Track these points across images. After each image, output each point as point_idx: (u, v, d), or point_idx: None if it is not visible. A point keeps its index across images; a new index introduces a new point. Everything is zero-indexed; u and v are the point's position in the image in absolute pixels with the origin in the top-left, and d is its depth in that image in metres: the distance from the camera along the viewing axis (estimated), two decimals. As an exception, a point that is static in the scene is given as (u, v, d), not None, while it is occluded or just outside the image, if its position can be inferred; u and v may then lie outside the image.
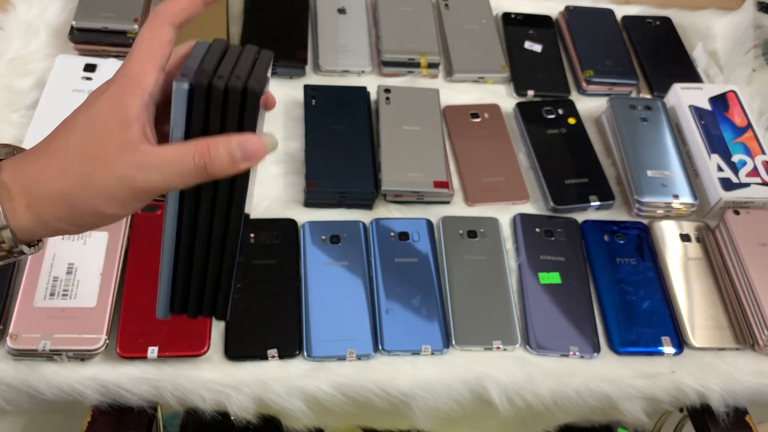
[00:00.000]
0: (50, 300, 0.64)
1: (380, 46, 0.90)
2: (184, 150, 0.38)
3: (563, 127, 0.86)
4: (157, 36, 0.39)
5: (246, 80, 0.39)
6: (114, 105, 0.38)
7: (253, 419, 0.65)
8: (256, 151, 0.39)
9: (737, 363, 0.70)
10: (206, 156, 0.38)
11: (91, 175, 0.38)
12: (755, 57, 0.97)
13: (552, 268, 0.74)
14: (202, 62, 0.40)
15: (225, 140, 0.39)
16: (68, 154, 0.38)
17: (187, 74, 0.39)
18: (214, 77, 0.39)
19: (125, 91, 0.38)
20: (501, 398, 0.67)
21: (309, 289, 0.69)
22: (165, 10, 0.40)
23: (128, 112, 0.38)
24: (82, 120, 0.39)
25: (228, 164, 0.39)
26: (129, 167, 0.38)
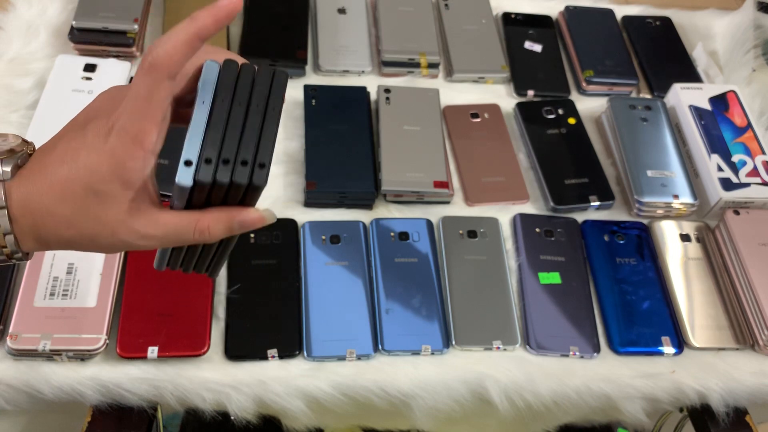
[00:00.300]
0: (50, 300, 0.64)
1: (380, 46, 0.90)
2: (185, 225, 0.40)
3: (563, 127, 0.86)
4: (155, 93, 0.37)
5: (252, 167, 0.39)
6: (116, 168, 0.37)
7: (253, 419, 0.65)
8: (254, 224, 0.41)
9: (737, 363, 0.70)
10: (206, 234, 0.40)
11: (95, 235, 0.39)
12: (755, 57, 0.97)
13: (552, 268, 0.74)
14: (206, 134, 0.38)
15: (226, 218, 0.40)
16: (72, 208, 0.38)
17: (190, 160, 0.38)
18: (217, 166, 0.38)
19: (127, 153, 0.37)
20: (501, 398, 0.67)
21: (309, 289, 0.69)
22: (163, 63, 0.37)
23: (131, 176, 0.38)
24: (86, 175, 0.38)
25: (225, 235, 0.41)
26: (132, 235, 0.40)
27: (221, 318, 0.67)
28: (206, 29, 0.37)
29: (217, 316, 0.67)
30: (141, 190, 0.39)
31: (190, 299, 0.66)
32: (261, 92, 0.40)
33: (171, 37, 0.37)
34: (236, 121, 0.39)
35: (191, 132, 0.38)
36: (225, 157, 0.38)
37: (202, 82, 0.39)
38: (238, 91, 0.40)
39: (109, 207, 0.38)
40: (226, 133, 0.39)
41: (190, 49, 0.37)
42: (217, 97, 0.39)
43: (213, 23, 0.37)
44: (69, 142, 0.39)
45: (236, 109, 0.39)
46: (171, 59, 0.37)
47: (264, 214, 0.41)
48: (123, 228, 0.39)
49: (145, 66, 0.37)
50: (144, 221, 0.39)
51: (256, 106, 0.40)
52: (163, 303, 0.65)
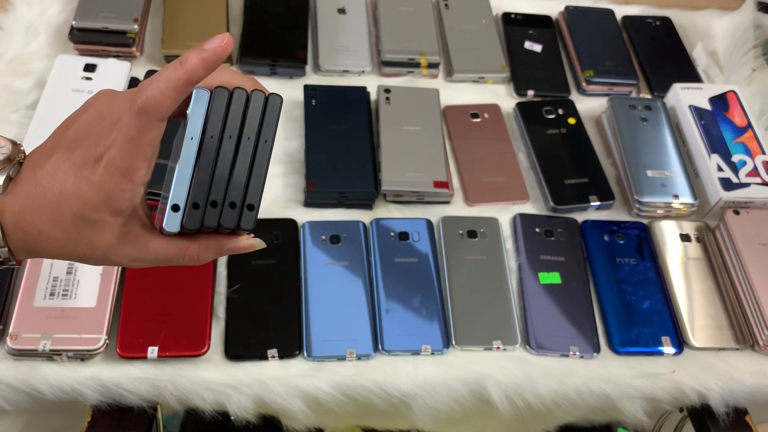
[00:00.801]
0: (50, 300, 0.64)
1: (380, 46, 0.90)
2: (175, 252, 0.41)
3: (563, 127, 0.86)
4: (146, 135, 0.37)
5: (240, 210, 0.39)
6: (106, 199, 0.37)
7: (253, 419, 0.65)
8: (244, 251, 0.42)
9: (737, 363, 0.70)
10: (195, 260, 0.41)
11: (86, 257, 0.40)
12: (755, 57, 0.97)
13: (552, 268, 0.74)
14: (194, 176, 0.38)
15: (216, 246, 0.41)
16: (63, 232, 0.38)
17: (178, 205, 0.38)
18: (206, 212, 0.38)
19: (116, 187, 0.37)
20: (501, 398, 0.67)
21: (309, 289, 0.69)
22: (153, 108, 0.37)
23: (120, 206, 0.38)
24: (76, 204, 0.38)
25: (213, 258, 0.42)
26: (122, 258, 0.40)
27: (221, 318, 0.67)
28: (196, 76, 0.37)
29: (217, 316, 0.67)
30: (131, 217, 0.39)
31: (190, 299, 0.66)
32: (253, 122, 0.39)
33: (161, 81, 0.36)
34: (225, 158, 0.39)
35: (179, 173, 0.38)
36: (213, 200, 0.38)
37: (191, 112, 0.38)
38: (228, 123, 0.39)
39: (99, 233, 0.39)
40: (214, 173, 0.39)
41: (180, 95, 0.37)
42: (206, 132, 0.38)
43: (203, 69, 0.37)
44: (58, 162, 0.38)
45: (226, 143, 0.39)
46: (161, 105, 0.37)
47: (253, 241, 0.42)
48: (113, 252, 0.40)
49: (136, 109, 0.37)
50: (134, 246, 0.40)
51: (247, 139, 0.39)
52: (163, 303, 0.65)
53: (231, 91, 0.39)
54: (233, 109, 0.39)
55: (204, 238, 0.41)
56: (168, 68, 0.37)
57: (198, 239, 0.41)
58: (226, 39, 0.37)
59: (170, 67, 0.37)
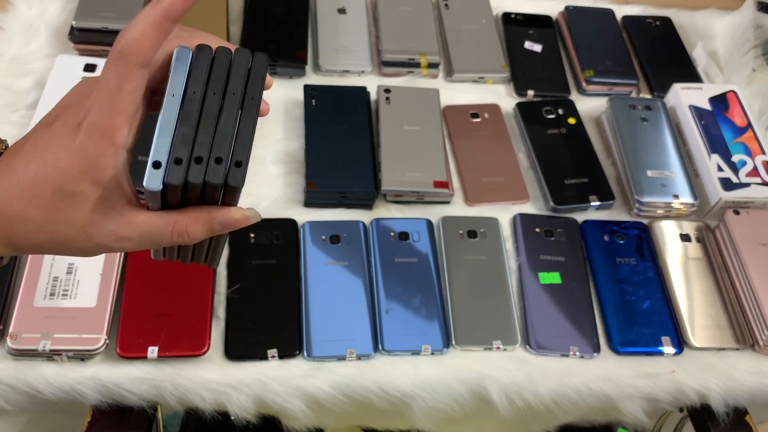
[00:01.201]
0: (50, 300, 0.64)
1: (380, 46, 0.90)
2: (161, 226, 0.38)
3: (563, 127, 0.86)
4: (126, 83, 0.34)
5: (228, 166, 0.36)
6: (87, 166, 0.35)
7: (253, 419, 0.65)
8: (236, 224, 0.39)
9: (737, 363, 0.70)
10: (184, 236, 0.38)
11: (68, 239, 0.37)
12: (755, 57, 0.97)
13: (552, 268, 0.74)
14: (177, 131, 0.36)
15: (206, 218, 0.38)
16: (42, 212, 0.36)
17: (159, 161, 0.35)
18: (190, 165, 0.35)
19: (97, 150, 0.35)
20: (501, 398, 0.67)
21: (309, 289, 0.69)
22: (132, 50, 0.34)
23: (102, 174, 0.35)
24: (54, 176, 0.35)
25: (206, 236, 0.39)
26: (106, 237, 0.37)
27: (221, 318, 0.67)
28: (174, 9, 0.34)
29: (217, 316, 0.67)
30: (114, 189, 0.37)
31: (190, 299, 0.66)
32: (238, 79, 0.37)
33: (138, 22, 0.34)
34: (210, 113, 0.36)
35: (160, 129, 0.36)
36: (197, 155, 0.35)
37: (173, 70, 0.36)
38: (212, 80, 0.36)
39: (80, 208, 0.36)
40: (198, 127, 0.36)
41: (161, 33, 0.34)
42: (189, 88, 0.36)
43: (181, 1, 0.34)
44: (37, 141, 0.36)
45: (210, 99, 0.36)
46: (140, 46, 0.34)
47: (247, 212, 0.39)
48: (96, 230, 0.37)
49: (114, 55, 0.34)
50: (118, 222, 0.37)
51: (232, 95, 0.37)
52: (163, 303, 0.65)
53: (215, 49, 0.37)
54: (217, 66, 0.37)
55: (192, 210, 0.38)
56: (145, 8, 0.34)
57: (186, 211, 0.38)
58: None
59: (147, 7, 0.34)
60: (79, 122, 0.35)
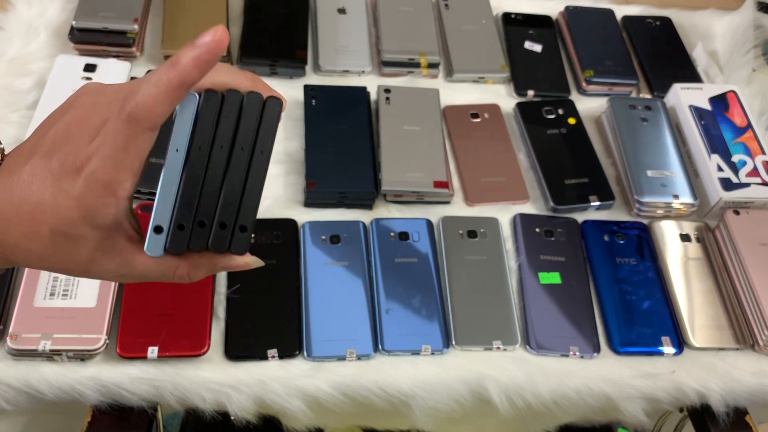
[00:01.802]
0: (50, 300, 0.64)
1: (380, 46, 0.90)
2: (163, 270, 0.38)
3: (563, 127, 0.86)
4: (133, 146, 0.33)
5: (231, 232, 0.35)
6: (86, 214, 0.34)
7: (253, 419, 0.65)
8: (237, 269, 0.39)
9: (737, 363, 0.70)
10: (185, 279, 0.38)
11: (68, 270, 0.37)
12: (755, 57, 0.97)
13: (552, 268, 0.74)
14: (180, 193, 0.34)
15: (208, 264, 0.38)
16: (42, 246, 0.35)
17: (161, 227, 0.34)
18: (192, 234, 0.35)
19: (98, 201, 0.34)
20: (501, 398, 0.67)
21: (309, 289, 0.69)
22: (143, 116, 0.33)
23: (102, 220, 0.35)
24: (52, 220, 0.34)
25: (207, 275, 0.39)
26: (107, 274, 0.37)
27: (221, 318, 0.67)
28: (190, 77, 0.33)
29: (217, 316, 0.67)
30: (115, 230, 0.36)
31: (190, 299, 0.66)
32: (248, 130, 0.35)
33: (152, 86, 0.33)
34: (216, 172, 0.34)
35: (162, 190, 0.34)
36: (201, 219, 0.34)
37: (177, 120, 0.34)
38: (219, 132, 0.35)
39: (80, 248, 0.36)
40: (202, 189, 0.34)
41: (174, 100, 0.33)
42: (194, 142, 0.34)
43: (197, 69, 0.33)
44: (35, 171, 0.35)
45: (216, 155, 0.34)
46: (152, 113, 0.33)
47: (249, 260, 0.39)
48: (97, 267, 0.37)
49: (124, 116, 0.33)
50: (118, 261, 0.37)
51: (240, 150, 0.35)
52: (163, 303, 0.65)
53: (222, 94, 0.35)
54: (225, 115, 0.35)
55: (195, 256, 0.38)
56: (160, 70, 0.33)
57: (188, 257, 0.38)
58: (219, 32, 0.33)
59: (162, 69, 0.33)
60: (78, 166, 0.34)
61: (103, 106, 0.35)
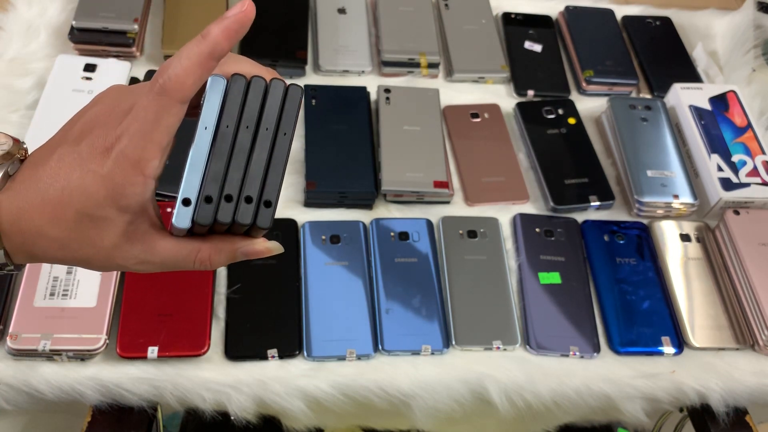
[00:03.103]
0: (50, 300, 0.64)
1: (380, 46, 0.90)
2: (185, 254, 0.38)
3: (563, 127, 0.86)
4: (163, 118, 0.34)
5: (257, 206, 0.36)
6: (114, 193, 0.35)
7: (253, 419, 0.65)
8: (258, 255, 0.39)
9: (737, 363, 0.70)
10: (206, 264, 0.38)
11: (89, 258, 0.37)
12: (755, 57, 0.97)
13: (552, 268, 0.74)
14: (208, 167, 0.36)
15: (229, 249, 0.38)
16: (65, 231, 0.36)
17: (189, 199, 0.35)
18: (219, 206, 0.35)
19: (126, 179, 0.34)
20: (501, 398, 0.67)
21: (309, 289, 0.69)
22: (174, 87, 0.34)
23: (129, 201, 0.35)
24: (79, 200, 0.35)
25: (226, 263, 0.39)
26: (128, 261, 0.37)
27: (221, 318, 0.67)
28: (220, 47, 0.34)
29: (217, 316, 0.67)
30: (140, 215, 0.36)
31: (190, 299, 0.66)
32: (271, 113, 0.37)
33: (183, 58, 0.34)
34: (242, 149, 0.36)
35: (191, 164, 0.35)
36: (228, 193, 0.35)
37: (206, 100, 0.36)
38: (245, 113, 0.36)
39: (104, 232, 0.36)
40: (230, 164, 0.36)
41: (205, 71, 0.34)
42: (222, 122, 0.36)
43: (226, 39, 0.34)
44: (62, 157, 0.35)
45: (242, 134, 0.36)
46: (183, 84, 0.34)
47: (270, 245, 0.39)
48: (119, 252, 0.37)
49: (156, 88, 0.34)
50: (141, 247, 0.37)
51: (265, 130, 0.36)
52: (163, 303, 0.65)
53: (249, 80, 0.37)
54: (251, 98, 0.36)
55: (216, 240, 0.38)
56: (189, 44, 0.34)
57: (210, 240, 0.38)
58: (246, 4, 0.34)
59: (191, 43, 0.34)
60: (108, 147, 0.35)
61: (131, 94, 0.36)
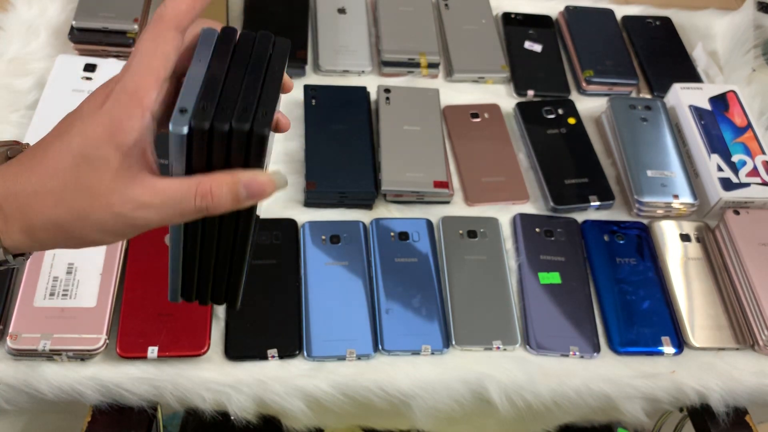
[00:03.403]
0: (50, 300, 0.64)
1: (380, 46, 0.90)
2: (185, 190, 0.36)
3: (563, 127, 0.86)
4: (160, 45, 0.35)
5: (254, 113, 0.36)
6: (111, 128, 0.35)
7: (253, 419, 0.65)
8: (263, 190, 0.37)
9: (737, 363, 0.70)
10: (208, 199, 0.36)
11: (86, 209, 0.36)
12: (755, 57, 0.97)
13: (552, 268, 0.74)
14: (204, 85, 0.36)
15: (230, 180, 0.37)
16: (62, 181, 0.35)
17: (186, 108, 0.35)
18: (216, 111, 0.36)
19: (123, 111, 0.35)
20: (501, 398, 0.67)
21: (309, 289, 0.69)
22: (169, 13, 0.35)
23: (126, 137, 0.35)
24: (77, 142, 0.35)
25: (231, 204, 0.37)
26: (126, 205, 0.36)
27: (221, 318, 0.67)
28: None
29: (217, 316, 0.67)
30: (137, 156, 0.36)
31: (190, 299, 0.66)
32: (261, 55, 0.38)
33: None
34: (236, 75, 0.37)
35: (187, 84, 0.36)
36: (224, 105, 0.36)
37: (199, 44, 0.37)
38: (237, 54, 0.38)
39: (101, 174, 0.35)
40: (225, 83, 0.37)
41: (198, 2, 0.36)
42: (215, 56, 0.37)
43: None
44: (62, 122, 0.37)
45: (235, 68, 0.37)
46: (177, 9, 0.35)
47: (273, 177, 0.37)
48: (117, 197, 0.36)
49: (153, 19, 0.36)
50: (140, 189, 0.36)
51: (257, 61, 0.38)
52: (163, 303, 0.65)
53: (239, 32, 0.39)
54: (243, 41, 0.38)
55: (217, 173, 0.37)
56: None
57: (210, 174, 0.37)
58: None
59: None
60: (107, 93, 0.36)
61: None
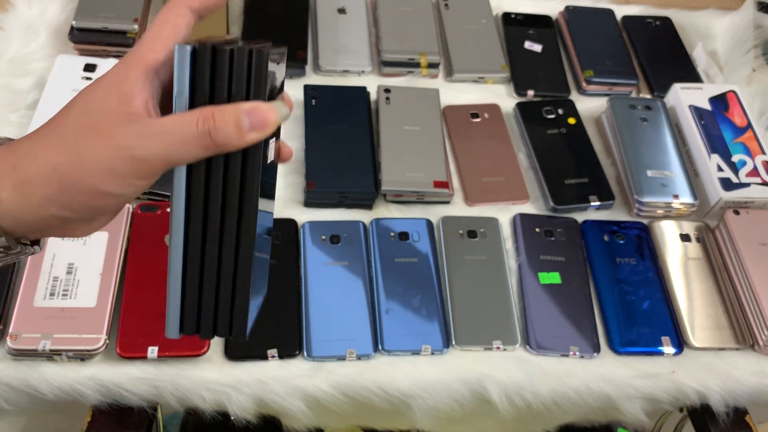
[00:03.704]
0: (50, 300, 0.64)
1: (380, 46, 0.90)
2: (187, 117, 0.36)
3: (563, 127, 0.86)
4: (172, 17, 0.38)
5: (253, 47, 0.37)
6: (116, 80, 0.37)
7: (253, 419, 0.65)
8: (266, 119, 0.37)
9: (737, 363, 0.70)
10: (210, 122, 0.36)
11: (87, 147, 0.36)
12: (755, 57, 0.97)
13: (552, 268, 0.74)
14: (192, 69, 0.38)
15: (232, 107, 0.36)
16: (64, 129, 0.37)
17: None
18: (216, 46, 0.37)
19: (128, 67, 0.37)
20: (501, 398, 0.67)
21: (309, 289, 0.69)
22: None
23: (129, 86, 0.36)
24: (82, 98, 0.37)
25: (235, 133, 0.36)
26: (128, 137, 0.35)
27: (221, 318, 0.67)
28: None
29: (217, 316, 0.67)
30: (140, 106, 0.36)
31: (190, 299, 0.66)
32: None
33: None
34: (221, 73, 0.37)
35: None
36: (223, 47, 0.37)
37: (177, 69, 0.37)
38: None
39: (104, 116, 0.36)
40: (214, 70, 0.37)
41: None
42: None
43: None
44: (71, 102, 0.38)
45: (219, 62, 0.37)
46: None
47: (277, 107, 0.38)
48: (119, 131, 0.35)
49: None
50: (138, 127, 0.36)
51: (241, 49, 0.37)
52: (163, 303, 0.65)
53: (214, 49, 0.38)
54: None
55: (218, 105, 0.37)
56: None
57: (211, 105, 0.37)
58: None
59: None
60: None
61: None
